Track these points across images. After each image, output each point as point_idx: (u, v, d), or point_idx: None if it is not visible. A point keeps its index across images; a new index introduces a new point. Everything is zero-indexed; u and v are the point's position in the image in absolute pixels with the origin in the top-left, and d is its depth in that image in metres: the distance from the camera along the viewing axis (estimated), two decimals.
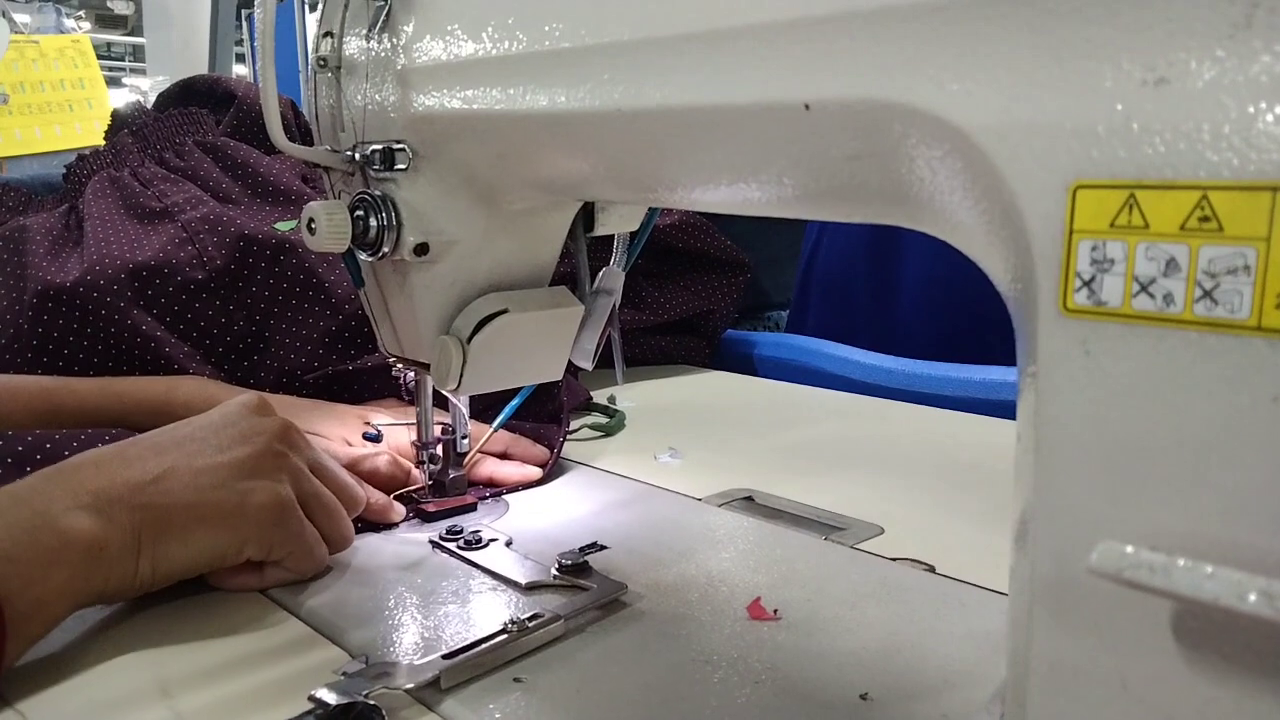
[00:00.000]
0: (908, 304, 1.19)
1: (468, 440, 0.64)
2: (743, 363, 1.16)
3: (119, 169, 0.89)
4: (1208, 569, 0.21)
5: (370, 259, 0.49)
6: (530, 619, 0.46)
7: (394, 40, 0.46)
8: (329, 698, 0.39)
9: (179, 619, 0.49)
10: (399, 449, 0.68)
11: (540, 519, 0.63)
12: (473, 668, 0.43)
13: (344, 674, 0.42)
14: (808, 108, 0.30)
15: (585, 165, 0.42)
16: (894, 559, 0.56)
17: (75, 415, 0.69)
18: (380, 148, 0.47)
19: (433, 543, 0.58)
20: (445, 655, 0.43)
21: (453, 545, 0.57)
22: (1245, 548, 0.22)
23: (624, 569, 0.54)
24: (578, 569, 0.52)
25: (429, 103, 0.45)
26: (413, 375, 0.62)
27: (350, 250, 0.48)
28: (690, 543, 0.59)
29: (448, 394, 0.58)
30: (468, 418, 0.64)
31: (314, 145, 0.51)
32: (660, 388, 1.04)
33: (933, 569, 0.55)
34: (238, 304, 0.79)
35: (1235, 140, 0.21)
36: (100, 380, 0.72)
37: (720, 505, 0.66)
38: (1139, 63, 0.23)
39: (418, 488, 0.65)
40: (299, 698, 0.40)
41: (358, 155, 0.48)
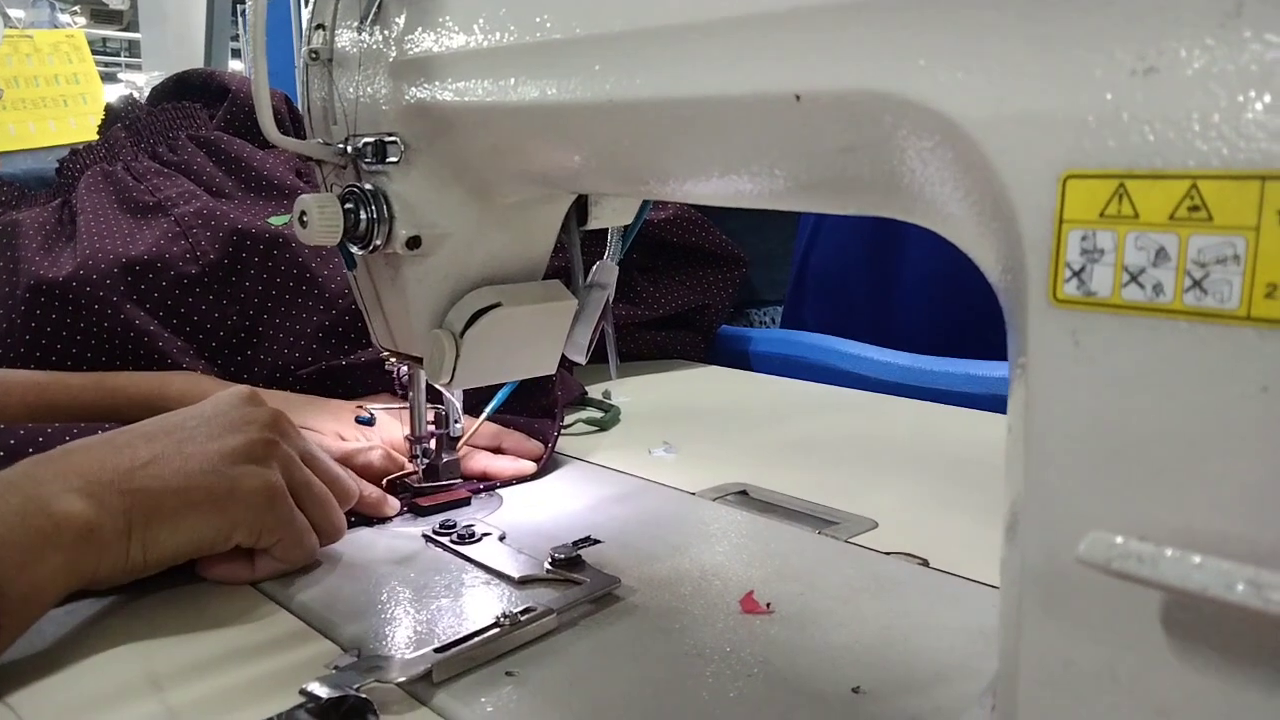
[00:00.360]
0: (907, 300, 1.18)
1: (460, 424, 0.64)
2: (738, 357, 1.16)
3: (112, 163, 0.88)
4: (1195, 559, 0.21)
5: (362, 252, 0.48)
6: (523, 613, 0.46)
7: (386, 32, 0.46)
8: (320, 691, 0.39)
9: (170, 612, 0.49)
10: (393, 444, 0.68)
11: (534, 513, 0.63)
12: (465, 661, 0.43)
13: (335, 667, 0.41)
14: (798, 99, 0.30)
15: (577, 157, 0.42)
16: (887, 553, 0.56)
17: (68, 410, 0.68)
18: (372, 140, 0.47)
19: (426, 537, 0.58)
20: (437, 649, 0.43)
21: (446, 539, 0.57)
22: (1235, 538, 0.22)
23: (617, 563, 0.54)
24: (571, 563, 0.52)
25: (421, 95, 0.45)
26: (406, 369, 0.62)
27: (343, 242, 0.48)
28: (684, 537, 0.59)
29: (441, 388, 0.58)
30: (460, 409, 0.63)
31: (306, 138, 0.51)
32: (655, 382, 1.04)
33: (926, 563, 0.55)
34: (231, 299, 0.78)
35: (1225, 129, 0.21)
36: (93, 375, 0.72)
37: (714, 499, 0.66)
38: (1129, 52, 0.23)
39: (410, 473, 0.65)
40: (290, 691, 0.40)
41: (349, 148, 0.48)
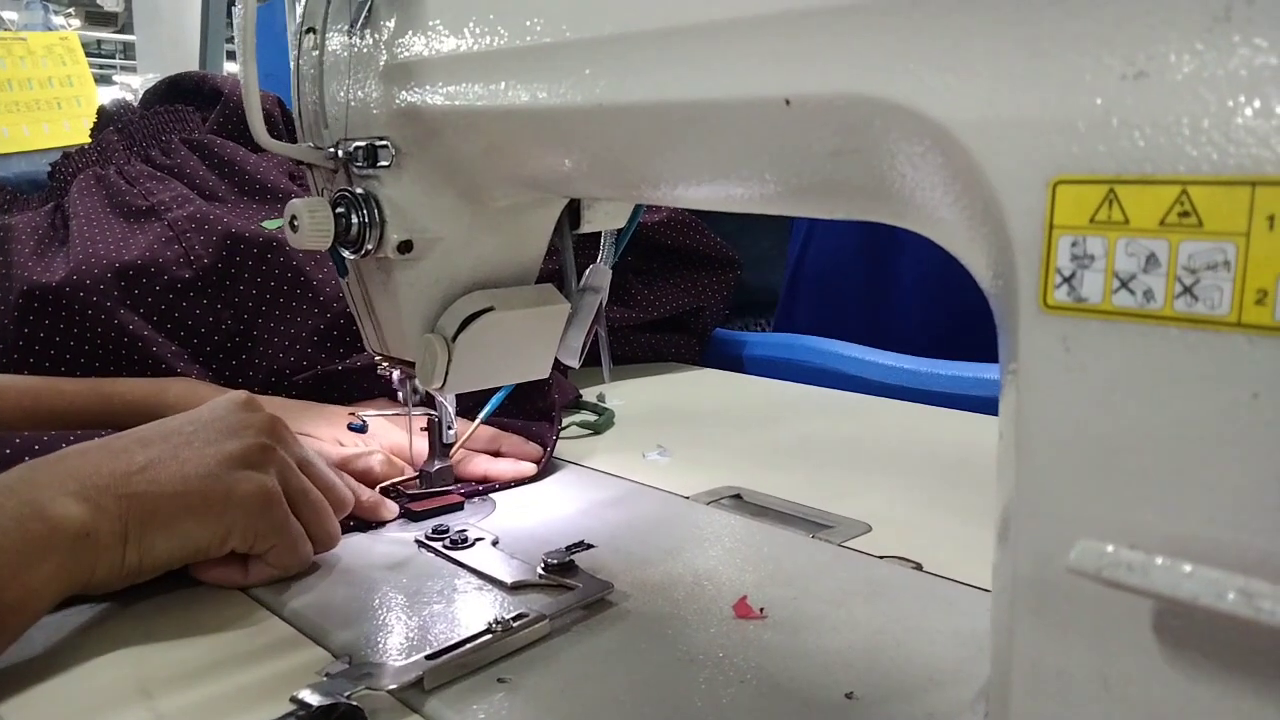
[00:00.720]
0: (900, 302, 1.18)
1: (454, 431, 0.64)
2: (732, 360, 1.16)
3: (105, 167, 0.88)
4: (1186, 568, 0.21)
5: (354, 257, 0.48)
6: (515, 619, 0.46)
7: (376, 36, 0.46)
8: (311, 699, 0.39)
9: (161, 618, 0.48)
10: (392, 448, 0.67)
11: (527, 518, 0.63)
12: (457, 668, 0.43)
13: (327, 675, 0.41)
14: (788, 103, 0.30)
15: (568, 161, 0.42)
16: (881, 557, 0.56)
17: (64, 416, 0.68)
18: (363, 144, 0.47)
19: (419, 542, 0.58)
20: (429, 656, 0.43)
21: (438, 545, 0.57)
22: (1226, 546, 0.22)
23: (610, 568, 0.54)
24: (563, 568, 0.52)
25: (411, 99, 0.45)
26: (397, 373, 0.61)
27: (334, 247, 0.48)
28: (677, 541, 0.58)
29: (434, 392, 0.58)
30: (453, 413, 0.63)
31: (298, 142, 0.51)
32: (649, 385, 1.04)
33: (920, 567, 0.55)
34: (225, 303, 0.78)
35: (1215, 135, 0.21)
36: (89, 381, 0.72)
37: (708, 503, 0.66)
38: (1119, 56, 0.23)
39: (406, 479, 0.65)
40: (281, 699, 0.40)
41: (340, 152, 0.48)
